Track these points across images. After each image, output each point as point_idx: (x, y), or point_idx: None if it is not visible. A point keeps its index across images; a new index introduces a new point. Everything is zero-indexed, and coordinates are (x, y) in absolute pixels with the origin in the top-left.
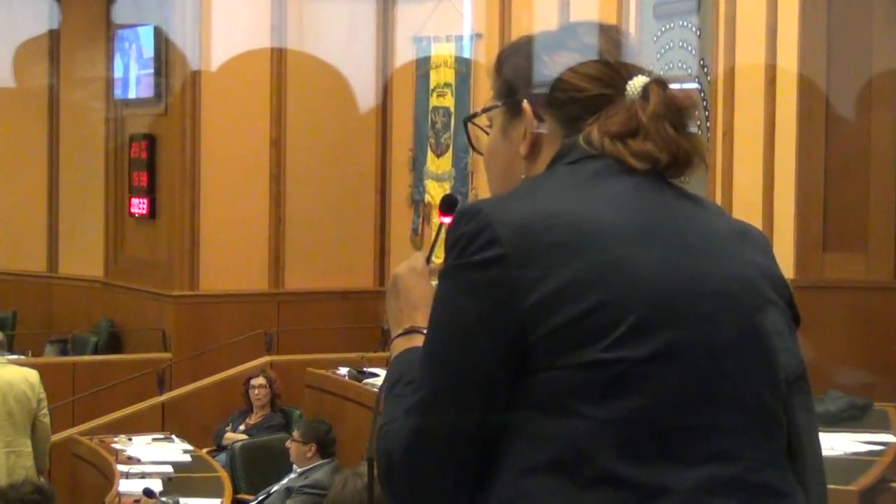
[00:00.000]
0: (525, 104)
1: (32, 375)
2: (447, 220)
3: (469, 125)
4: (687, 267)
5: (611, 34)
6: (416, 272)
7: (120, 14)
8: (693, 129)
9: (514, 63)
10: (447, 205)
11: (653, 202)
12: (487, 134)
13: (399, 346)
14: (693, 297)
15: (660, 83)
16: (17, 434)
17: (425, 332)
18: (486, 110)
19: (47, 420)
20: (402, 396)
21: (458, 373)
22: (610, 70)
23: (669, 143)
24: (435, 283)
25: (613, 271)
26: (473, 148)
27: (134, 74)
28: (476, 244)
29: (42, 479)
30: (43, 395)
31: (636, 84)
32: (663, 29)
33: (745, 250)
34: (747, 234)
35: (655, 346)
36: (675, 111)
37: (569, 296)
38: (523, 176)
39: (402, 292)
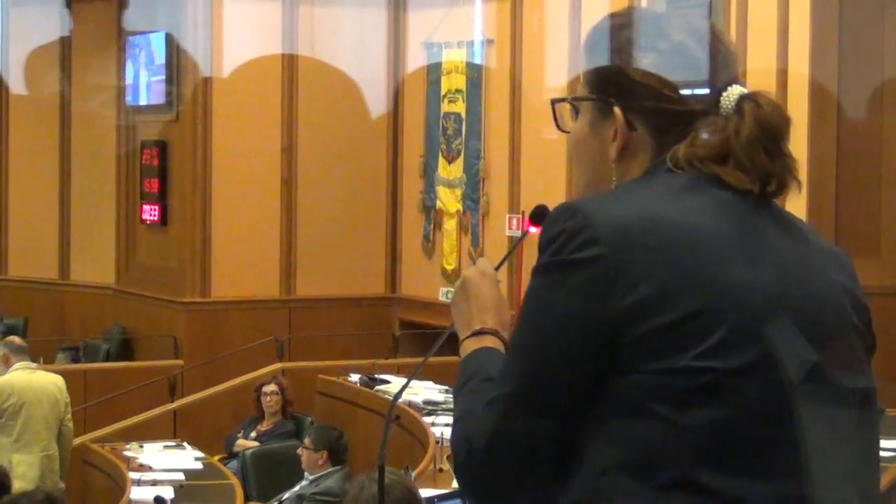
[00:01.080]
0: (617, 110)
1: (59, 381)
2: (535, 230)
3: (557, 105)
4: (778, 285)
5: (703, 35)
6: (487, 276)
7: (131, 21)
8: (786, 149)
9: (606, 56)
10: (538, 215)
11: (748, 218)
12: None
13: (470, 346)
14: (782, 314)
15: (754, 99)
16: (51, 438)
17: (502, 331)
18: (577, 98)
19: (71, 425)
20: (478, 392)
21: (546, 368)
22: (706, 81)
23: (761, 171)
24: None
25: (709, 281)
26: (557, 125)
27: (145, 81)
28: (575, 242)
29: (62, 485)
30: (68, 400)
31: (730, 97)
32: None
33: (833, 272)
34: (835, 256)
35: (744, 360)
36: (770, 134)
37: (664, 301)
38: (614, 179)
39: (472, 296)
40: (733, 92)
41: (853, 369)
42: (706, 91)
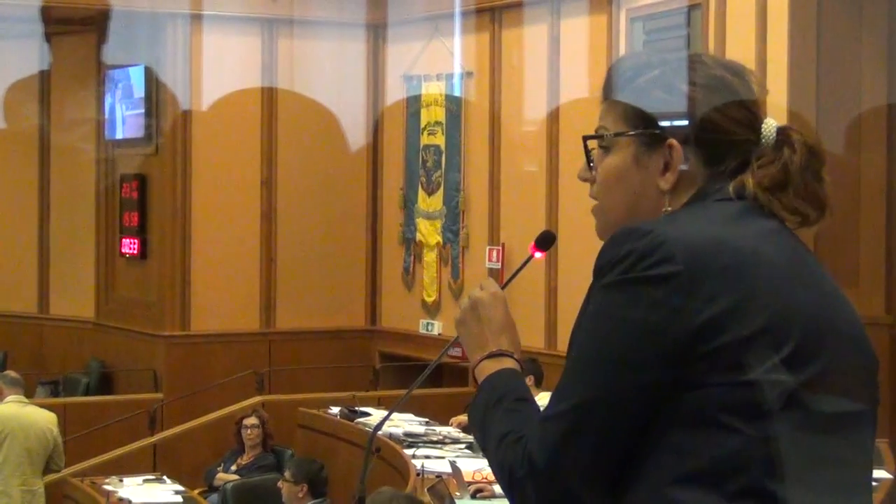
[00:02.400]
0: (674, 142)
1: (52, 419)
2: (540, 255)
3: (589, 143)
4: (827, 307)
5: (737, 69)
6: (497, 297)
7: (110, 54)
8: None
9: (648, 91)
10: (544, 240)
11: (791, 246)
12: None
13: (489, 367)
14: (835, 334)
15: (796, 130)
16: (34, 473)
17: (516, 354)
18: (619, 134)
19: (61, 465)
20: (517, 412)
21: (617, 383)
22: (749, 113)
23: (814, 196)
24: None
25: (775, 300)
26: (589, 163)
27: (124, 115)
28: (650, 260)
29: None
30: (59, 440)
31: (770, 128)
32: None
33: (850, 305)
34: (840, 291)
35: (810, 374)
36: (816, 161)
37: (736, 318)
38: (668, 208)
39: (484, 318)
40: (771, 123)
41: (874, 395)
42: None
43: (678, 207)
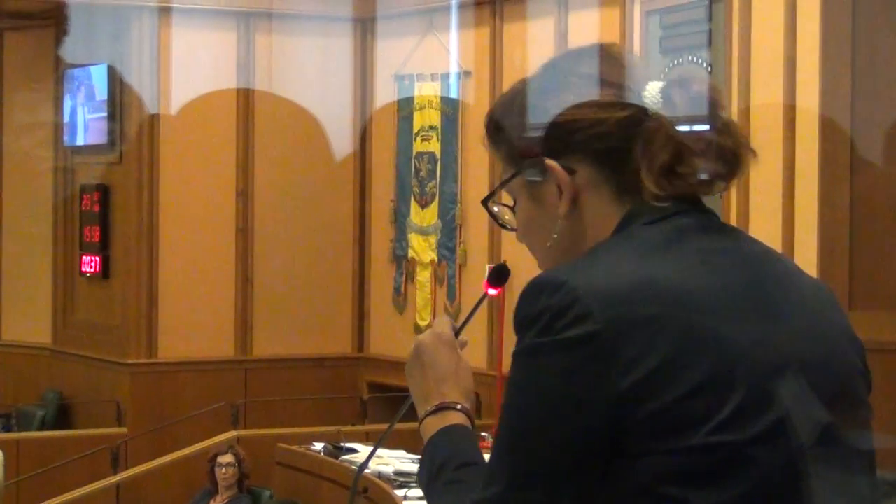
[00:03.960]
0: (548, 161)
1: None
2: (494, 292)
3: (490, 205)
4: (780, 338)
5: (605, 53)
6: (443, 340)
7: (69, 52)
8: (725, 116)
9: (514, 122)
10: (498, 275)
11: (738, 263)
12: (512, 210)
13: (433, 425)
14: (790, 372)
15: (676, 84)
16: None
17: (465, 402)
18: (503, 183)
19: None
20: (458, 483)
21: (545, 461)
22: (620, 89)
23: (717, 151)
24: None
25: (711, 348)
26: (504, 227)
27: (85, 119)
28: (564, 320)
29: None
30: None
31: (653, 91)
32: (671, 65)
33: (826, 310)
34: (823, 291)
35: (760, 429)
36: (702, 108)
37: (668, 375)
38: (555, 236)
39: (427, 364)
40: (654, 87)
41: (862, 428)
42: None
43: (604, 227)
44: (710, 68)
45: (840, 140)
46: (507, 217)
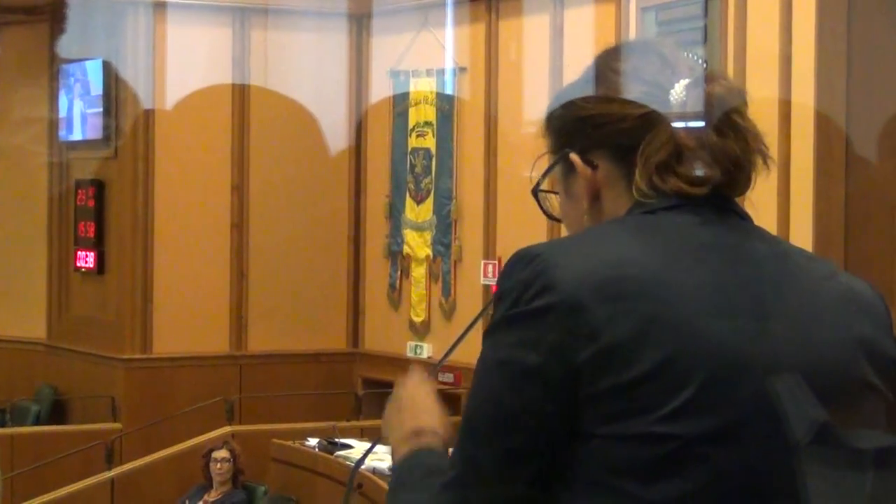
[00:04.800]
0: (572, 155)
1: None
2: None
3: (540, 195)
4: (761, 337)
5: (651, 48)
6: (421, 384)
7: (64, 47)
8: (745, 123)
9: (556, 113)
10: None
11: (733, 261)
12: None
13: (403, 445)
14: (763, 372)
15: (699, 83)
16: None
17: (440, 431)
18: (544, 175)
19: None
20: (421, 487)
21: (503, 435)
22: (649, 86)
23: (718, 153)
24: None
25: (676, 333)
26: (549, 216)
27: (80, 114)
28: (530, 292)
29: None
30: None
31: (678, 91)
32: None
33: (848, 319)
34: (857, 299)
35: (712, 425)
36: (717, 111)
37: (624, 356)
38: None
39: (405, 406)
40: (680, 85)
41: (862, 429)
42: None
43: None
44: (705, 64)
45: (835, 135)
46: (553, 206)
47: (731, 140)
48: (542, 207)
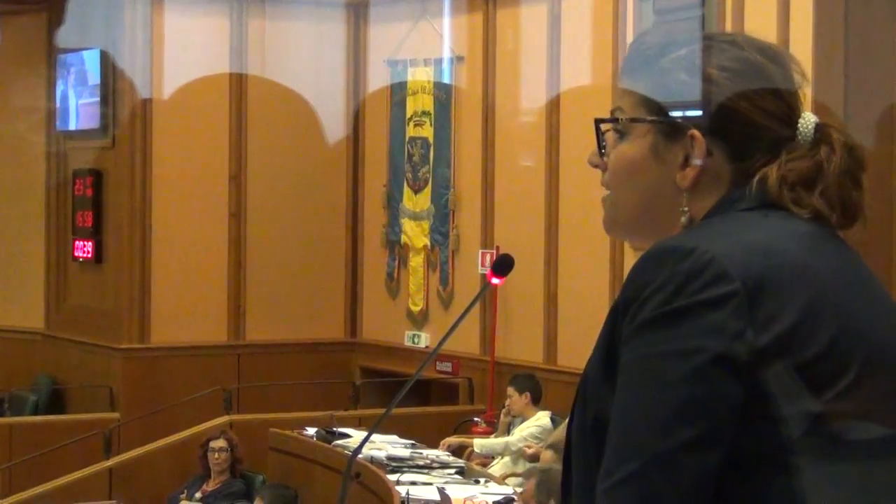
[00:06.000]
0: (696, 133)
1: None
2: (498, 281)
3: (603, 126)
4: (882, 316)
5: (775, 54)
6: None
7: (62, 36)
8: (865, 183)
9: (671, 73)
10: (502, 265)
11: (834, 250)
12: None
13: None
14: (891, 350)
15: (837, 129)
16: None
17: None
18: (636, 120)
19: None
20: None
21: (688, 424)
22: (785, 105)
23: (846, 201)
24: None
25: (835, 315)
26: (601, 152)
27: (77, 103)
28: (700, 281)
29: None
30: None
31: (807, 124)
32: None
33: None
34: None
35: (879, 398)
36: (858, 165)
37: (799, 337)
38: (686, 209)
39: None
40: (809, 118)
41: None
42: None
43: (698, 210)
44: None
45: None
46: (609, 144)
47: (858, 194)
48: (599, 139)
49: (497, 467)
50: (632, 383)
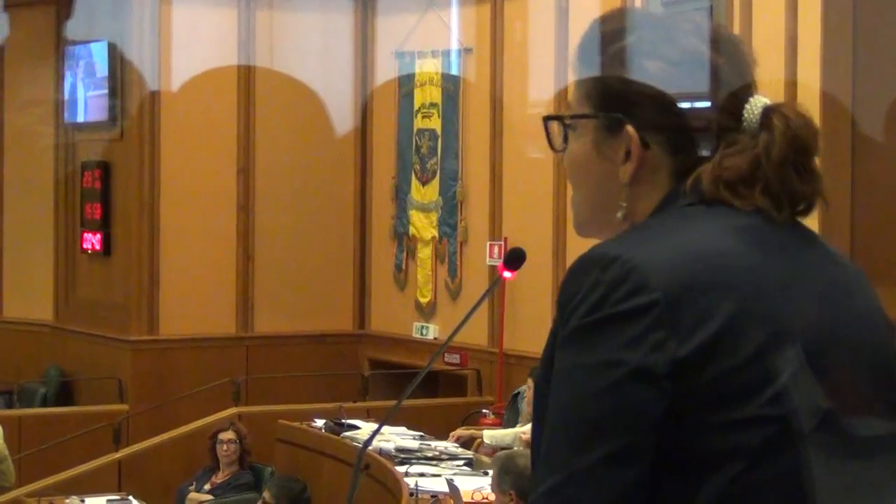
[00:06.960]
0: (630, 128)
1: None
2: (509, 275)
3: (550, 123)
4: (829, 317)
5: (722, 38)
6: None
7: (70, 29)
8: (816, 167)
9: (612, 65)
10: (514, 259)
11: (786, 246)
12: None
13: None
14: (838, 349)
15: (782, 112)
16: None
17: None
18: (576, 117)
19: (11, 479)
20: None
21: (610, 437)
22: (729, 95)
23: (791, 193)
24: None
25: (767, 318)
26: (551, 146)
27: (86, 96)
28: (620, 292)
29: None
30: (7, 454)
31: (753, 109)
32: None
33: (865, 294)
34: (858, 275)
35: (812, 402)
36: (801, 151)
37: (725, 344)
38: (624, 204)
39: None
40: (756, 103)
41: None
42: (706, 104)
43: (645, 206)
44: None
45: (841, 116)
46: (557, 141)
47: (808, 182)
48: (548, 134)
49: None
50: (558, 395)
